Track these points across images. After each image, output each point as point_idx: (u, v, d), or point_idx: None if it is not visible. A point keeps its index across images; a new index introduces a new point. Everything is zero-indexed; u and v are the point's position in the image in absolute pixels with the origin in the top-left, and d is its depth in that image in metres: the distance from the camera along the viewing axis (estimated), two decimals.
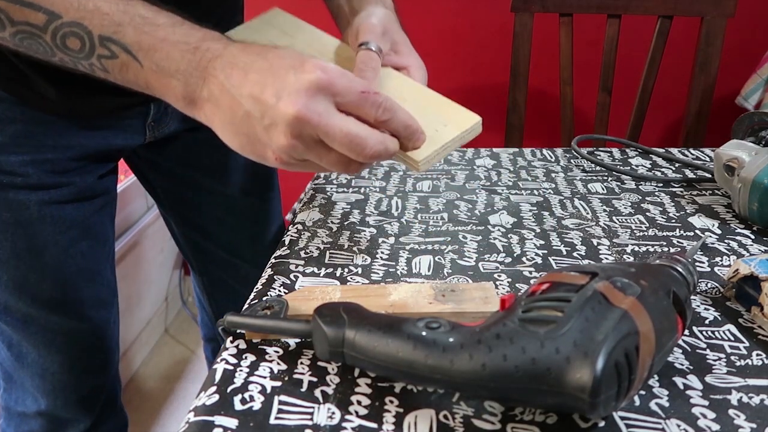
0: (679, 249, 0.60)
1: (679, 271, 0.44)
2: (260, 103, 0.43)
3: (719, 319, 0.48)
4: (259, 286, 0.54)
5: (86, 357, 0.76)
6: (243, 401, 0.40)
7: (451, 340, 0.34)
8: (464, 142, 0.49)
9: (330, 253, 0.60)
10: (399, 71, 0.56)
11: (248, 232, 0.86)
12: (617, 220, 0.67)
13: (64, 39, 0.45)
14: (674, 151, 0.90)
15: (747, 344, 0.45)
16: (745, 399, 0.39)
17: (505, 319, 0.35)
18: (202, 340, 1.06)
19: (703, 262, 0.58)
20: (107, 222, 0.75)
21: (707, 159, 0.87)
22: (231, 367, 0.43)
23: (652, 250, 0.60)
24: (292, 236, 0.64)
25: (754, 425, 0.37)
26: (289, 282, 0.55)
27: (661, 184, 0.78)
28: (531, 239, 0.62)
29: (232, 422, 0.38)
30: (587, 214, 0.69)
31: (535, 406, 0.37)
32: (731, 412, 0.38)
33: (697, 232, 0.64)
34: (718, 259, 0.58)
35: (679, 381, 0.41)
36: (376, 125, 0.45)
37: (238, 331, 0.47)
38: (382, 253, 0.60)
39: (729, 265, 0.56)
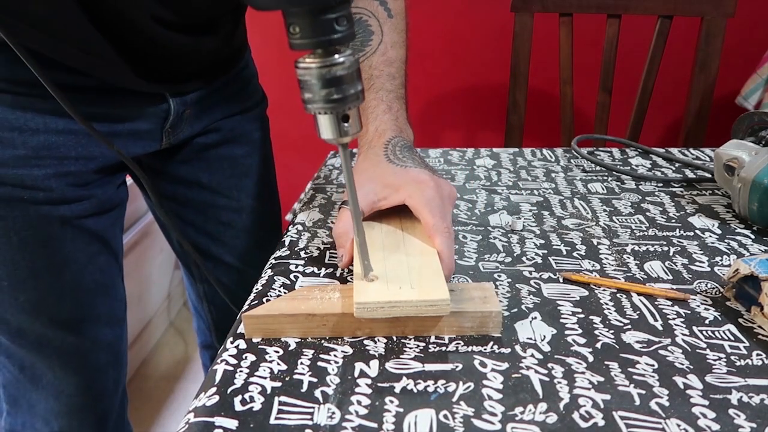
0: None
1: None
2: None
3: (719, 319, 0.48)
4: (258, 286, 0.54)
5: (101, 377, 0.74)
6: (243, 402, 0.40)
7: None
8: (422, 314, 0.45)
9: (330, 253, 0.60)
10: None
11: (255, 237, 0.85)
12: (617, 220, 0.67)
13: None
14: (674, 151, 0.90)
15: (747, 344, 0.45)
16: (745, 399, 0.39)
17: None
18: (198, 347, 1.04)
19: (703, 262, 0.58)
20: (119, 234, 0.73)
21: (707, 159, 0.87)
22: (231, 368, 0.43)
23: (652, 249, 0.60)
24: (292, 237, 0.64)
25: (754, 425, 0.37)
26: (289, 282, 0.55)
27: (661, 184, 0.78)
28: (531, 239, 0.62)
29: (232, 423, 0.38)
30: (587, 214, 0.69)
31: None
32: (731, 411, 0.38)
33: (697, 232, 0.64)
34: (718, 259, 0.58)
35: (679, 381, 0.41)
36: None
37: (238, 331, 0.47)
38: None
39: (729, 265, 0.56)
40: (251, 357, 0.44)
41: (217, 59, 0.72)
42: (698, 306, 0.50)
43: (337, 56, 0.38)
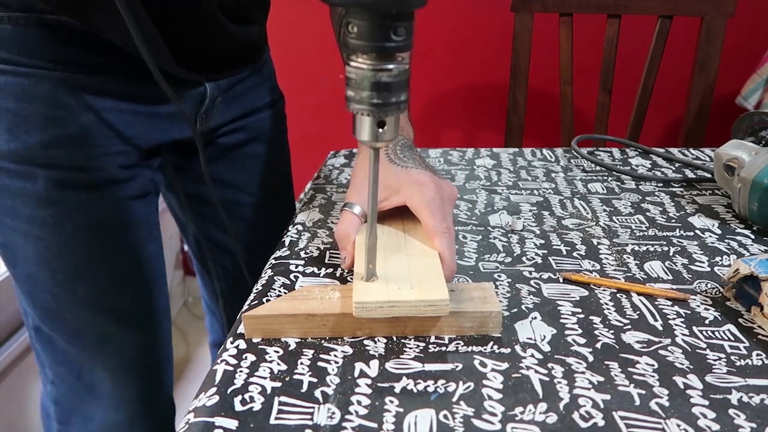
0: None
1: None
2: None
3: (719, 319, 0.48)
4: (258, 286, 0.54)
5: (158, 379, 0.73)
6: (243, 402, 0.40)
7: None
8: (421, 314, 0.44)
9: (330, 254, 0.60)
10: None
11: (273, 234, 0.84)
12: (617, 220, 0.67)
13: None
14: (674, 151, 0.90)
15: (747, 344, 0.45)
16: (745, 399, 0.39)
17: None
18: (209, 345, 1.04)
19: (703, 262, 0.58)
20: (158, 223, 0.73)
21: (707, 159, 0.87)
22: (231, 368, 0.43)
23: (652, 249, 0.60)
24: (292, 237, 0.64)
25: (754, 425, 0.37)
26: (289, 282, 0.55)
27: (661, 184, 0.78)
28: (531, 239, 0.62)
29: (233, 423, 0.38)
30: (587, 214, 0.69)
31: None
32: (731, 411, 0.38)
33: (697, 232, 0.64)
34: (718, 259, 0.58)
35: (679, 380, 0.41)
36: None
37: (238, 331, 0.47)
38: None
39: (729, 265, 0.56)
40: (251, 357, 0.44)
41: (250, 49, 0.73)
42: (698, 306, 0.50)
43: (390, 63, 0.38)
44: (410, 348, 0.45)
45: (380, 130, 0.41)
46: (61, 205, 0.60)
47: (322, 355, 0.44)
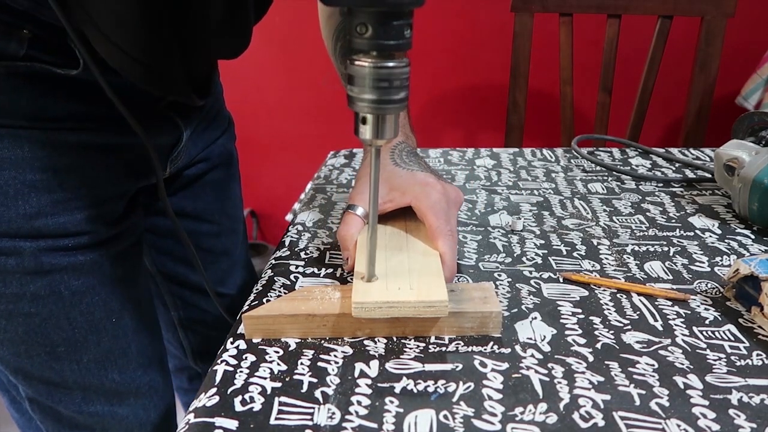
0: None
1: None
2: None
3: (719, 319, 0.48)
4: (258, 287, 0.54)
5: (173, 420, 0.70)
6: (243, 402, 0.40)
7: None
8: (420, 314, 0.44)
9: (330, 254, 0.60)
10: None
11: (231, 259, 0.83)
12: (617, 220, 0.67)
13: None
14: (674, 151, 0.90)
15: (747, 344, 0.45)
16: (745, 399, 0.39)
17: None
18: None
19: (703, 262, 0.58)
20: (144, 264, 0.69)
21: (707, 159, 0.87)
22: (231, 369, 0.43)
23: (652, 250, 0.60)
24: (292, 237, 0.64)
25: (754, 425, 0.37)
26: (289, 282, 0.55)
27: (661, 184, 0.78)
28: (531, 239, 0.62)
29: (233, 423, 0.38)
30: (587, 214, 0.69)
31: None
32: (731, 411, 0.38)
33: (697, 232, 0.64)
34: (718, 259, 0.58)
35: (679, 380, 0.41)
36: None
37: (239, 331, 0.47)
38: None
39: (729, 265, 0.56)
40: (251, 357, 0.44)
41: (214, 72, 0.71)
42: (698, 306, 0.50)
43: (392, 61, 0.39)
44: (410, 348, 0.45)
45: (382, 127, 0.41)
46: (55, 273, 0.55)
47: (322, 356, 0.44)
